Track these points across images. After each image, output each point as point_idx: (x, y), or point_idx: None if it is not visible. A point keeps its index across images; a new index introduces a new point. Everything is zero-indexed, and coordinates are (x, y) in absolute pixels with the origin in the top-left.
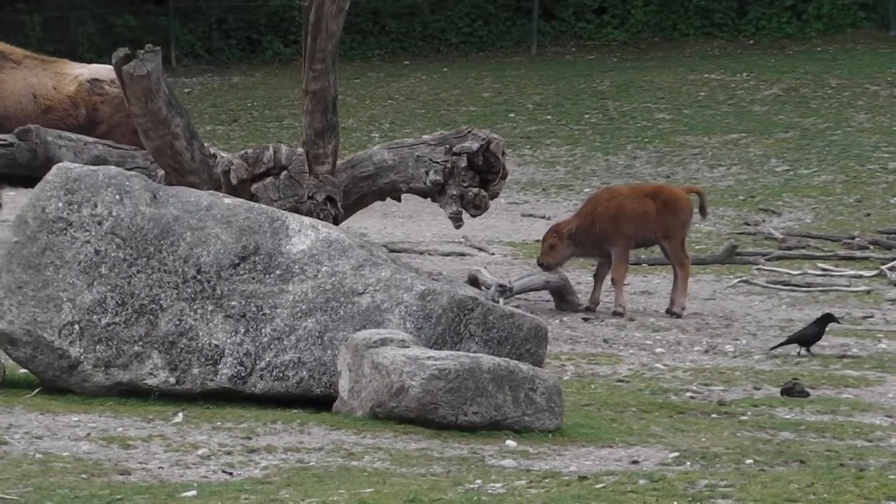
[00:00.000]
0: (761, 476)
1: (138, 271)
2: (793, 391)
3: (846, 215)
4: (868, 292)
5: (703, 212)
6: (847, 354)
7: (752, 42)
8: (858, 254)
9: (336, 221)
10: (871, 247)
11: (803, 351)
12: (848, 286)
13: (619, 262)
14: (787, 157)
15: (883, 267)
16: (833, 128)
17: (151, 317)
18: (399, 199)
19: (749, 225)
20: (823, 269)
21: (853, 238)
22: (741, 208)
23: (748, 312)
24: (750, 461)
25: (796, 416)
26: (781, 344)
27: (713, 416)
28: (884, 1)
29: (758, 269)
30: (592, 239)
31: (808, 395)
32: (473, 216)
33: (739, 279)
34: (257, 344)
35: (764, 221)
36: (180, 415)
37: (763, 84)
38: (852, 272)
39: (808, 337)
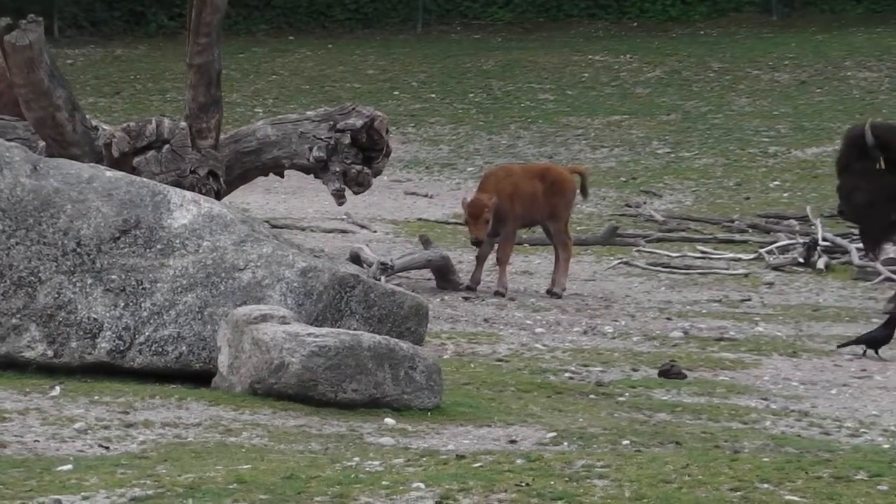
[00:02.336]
0: (637, 457)
1: (17, 243)
2: (670, 373)
3: (726, 198)
4: (746, 275)
5: (584, 192)
6: (724, 337)
7: (636, 24)
8: (738, 237)
9: (218, 196)
10: (750, 230)
11: (871, 352)
12: (727, 269)
13: (506, 242)
14: (669, 139)
15: (761, 250)
16: (715, 111)
17: (30, 289)
18: (282, 175)
19: (630, 207)
20: (703, 252)
21: (733, 221)
22: (623, 190)
23: (628, 294)
24: (627, 442)
25: (673, 398)
26: (847, 343)
27: (591, 396)
28: None
29: (638, 250)
30: (494, 215)
31: (685, 377)
32: (356, 193)
33: (619, 261)
34: (137, 318)
35: (645, 203)
36: (57, 388)
37: (646, 66)
38: (731, 255)
39: (877, 339)
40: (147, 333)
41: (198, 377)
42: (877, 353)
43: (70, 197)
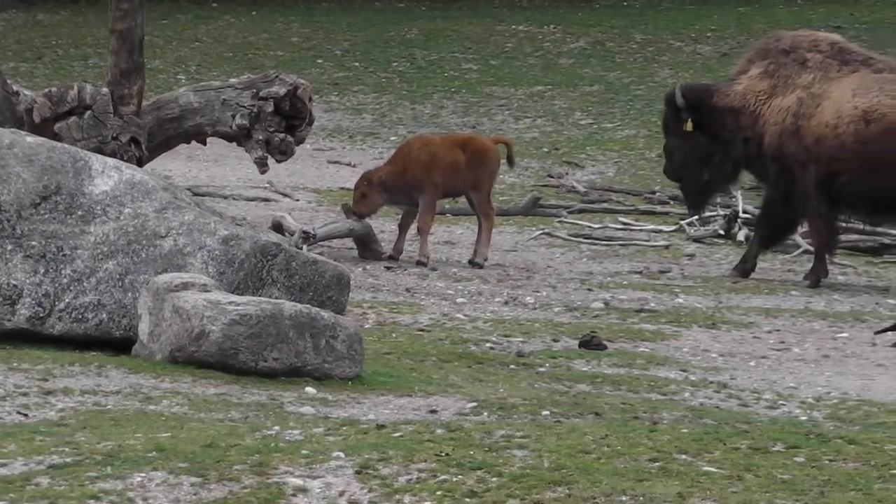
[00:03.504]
0: (557, 427)
1: None
2: (590, 344)
3: (648, 170)
4: (667, 247)
5: (510, 162)
6: (644, 308)
7: None
8: (659, 209)
9: (140, 163)
10: (672, 202)
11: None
12: (648, 241)
13: (426, 212)
14: (592, 110)
15: (682, 222)
16: (637, 82)
17: None
18: (204, 143)
19: (552, 177)
20: (624, 224)
21: (654, 193)
22: (545, 160)
23: (549, 265)
24: (546, 412)
25: (593, 369)
26: (884, 330)
27: (512, 366)
28: None
29: (560, 221)
30: (404, 186)
31: (605, 347)
32: (279, 161)
33: (541, 231)
34: (57, 285)
35: (567, 174)
36: None
37: (570, 37)
38: (652, 227)
39: None
40: (67, 300)
41: (118, 345)
42: None
43: None
